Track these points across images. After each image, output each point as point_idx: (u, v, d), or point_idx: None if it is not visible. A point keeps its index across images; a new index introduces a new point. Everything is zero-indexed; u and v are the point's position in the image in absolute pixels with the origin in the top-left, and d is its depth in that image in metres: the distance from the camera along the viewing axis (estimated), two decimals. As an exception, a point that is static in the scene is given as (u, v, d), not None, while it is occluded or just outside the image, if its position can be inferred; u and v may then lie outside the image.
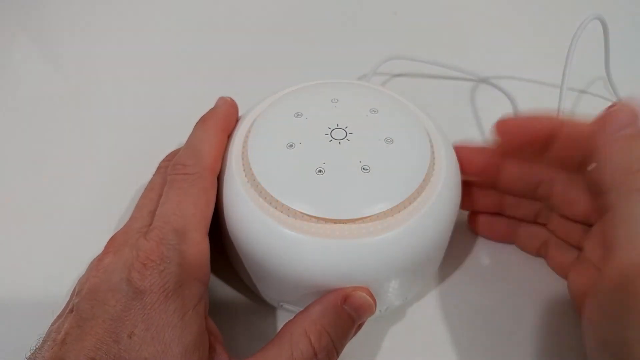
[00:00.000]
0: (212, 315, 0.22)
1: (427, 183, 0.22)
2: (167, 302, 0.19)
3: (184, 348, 0.19)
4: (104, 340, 0.18)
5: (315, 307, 0.21)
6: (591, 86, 0.38)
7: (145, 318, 0.19)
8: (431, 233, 0.22)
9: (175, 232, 0.21)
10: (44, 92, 0.38)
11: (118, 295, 0.19)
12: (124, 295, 0.19)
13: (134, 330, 0.18)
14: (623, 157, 0.21)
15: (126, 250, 0.21)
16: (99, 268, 0.20)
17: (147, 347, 0.18)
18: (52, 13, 0.45)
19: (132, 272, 0.20)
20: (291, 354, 0.20)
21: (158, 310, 0.19)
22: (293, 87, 0.26)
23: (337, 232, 0.20)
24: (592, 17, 0.29)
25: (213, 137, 0.24)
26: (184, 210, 0.21)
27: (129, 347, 0.18)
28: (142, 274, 0.19)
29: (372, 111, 0.24)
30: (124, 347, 0.18)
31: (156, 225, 0.21)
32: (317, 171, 0.21)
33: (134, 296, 0.19)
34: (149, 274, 0.19)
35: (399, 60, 0.38)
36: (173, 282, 0.20)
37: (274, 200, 0.21)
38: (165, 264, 0.20)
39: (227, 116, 0.25)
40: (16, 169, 0.33)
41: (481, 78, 0.39)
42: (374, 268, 0.21)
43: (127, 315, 0.19)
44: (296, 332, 0.20)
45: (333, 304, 0.21)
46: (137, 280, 0.19)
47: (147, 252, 0.20)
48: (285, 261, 0.21)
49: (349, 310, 0.21)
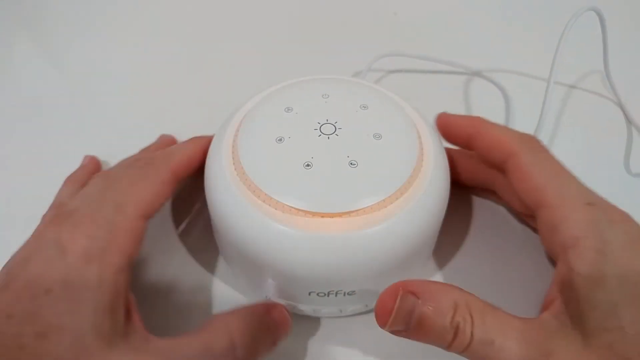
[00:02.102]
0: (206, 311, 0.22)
1: (415, 177, 0.22)
2: (88, 265, 0.20)
3: (97, 309, 0.19)
4: (22, 297, 0.19)
5: (243, 310, 0.22)
6: (587, 80, 0.38)
7: (65, 277, 0.19)
8: (419, 227, 0.22)
9: (114, 204, 0.22)
10: (44, 93, 0.38)
11: (44, 254, 0.20)
12: (49, 255, 0.20)
13: (52, 287, 0.19)
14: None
15: (64, 218, 0.21)
16: (34, 236, 0.22)
17: (61, 304, 0.19)
18: (52, 13, 0.45)
19: (62, 233, 0.20)
20: (211, 342, 0.20)
21: (78, 270, 0.20)
22: (285, 82, 0.27)
23: (324, 226, 0.20)
24: (586, 8, 0.29)
25: (192, 153, 0.25)
26: (133, 191, 0.23)
27: (45, 303, 0.19)
28: (71, 234, 0.20)
29: (362, 107, 0.24)
30: (40, 302, 0.19)
31: (99, 198, 0.22)
32: (305, 165, 0.21)
33: (58, 255, 0.20)
34: (77, 235, 0.20)
35: (393, 56, 0.38)
36: (97, 247, 0.20)
37: (263, 194, 0.21)
38: (94, 229, 0.21)
39: (203, 153, 0.26)
40: (16, 169, 0.33)
41: (475, 72, 0.39)
42: (361, 261, 0.21)
43: (48, 273, 0.19)
44: (220, 325, 0.21)
45: (259, 310, 0.22)
46: (64, 240, 0.20)
47: (81, 216, 0.21)
48: (273, 254, 0.21)
49: (270, 322, 0.22)
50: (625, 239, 0.20)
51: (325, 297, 0.22)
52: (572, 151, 0.34)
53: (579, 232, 0.20)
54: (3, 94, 0.38)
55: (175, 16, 0.45)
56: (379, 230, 0.21)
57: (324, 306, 0.23)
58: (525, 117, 0.35)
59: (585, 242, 0.20)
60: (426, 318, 0.18)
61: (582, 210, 0.20)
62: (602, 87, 0.38)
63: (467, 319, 0.18)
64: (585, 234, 0.20)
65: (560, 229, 0.21)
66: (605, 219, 0.20)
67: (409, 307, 0.19)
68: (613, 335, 0.18)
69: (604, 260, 0.19)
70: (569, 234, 0.20)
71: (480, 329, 0.18)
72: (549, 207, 0.21)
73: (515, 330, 0.18)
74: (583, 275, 0.19)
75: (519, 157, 0.23)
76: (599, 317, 0.18)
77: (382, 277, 0.22)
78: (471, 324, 0.18)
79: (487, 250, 0.28)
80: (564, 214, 0.21)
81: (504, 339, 0.18)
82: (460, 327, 0.18)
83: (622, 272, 0.19)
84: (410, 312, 0.19)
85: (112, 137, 0.34)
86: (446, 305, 0.19)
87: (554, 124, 0.35)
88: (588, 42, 0.33)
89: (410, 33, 0.43)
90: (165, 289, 0.27)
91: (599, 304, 0.18)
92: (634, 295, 0.18)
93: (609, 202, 0.21)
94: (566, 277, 0.20)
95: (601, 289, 0.18)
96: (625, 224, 0.20)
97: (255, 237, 0.21)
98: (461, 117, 0.26)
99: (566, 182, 0.22)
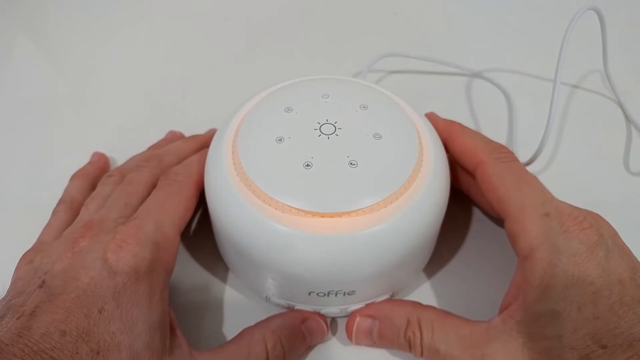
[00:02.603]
0: (206, 311, 0.22)
1: (415, 177, 0.22)
2: (137, 284, 0.20)
3: (149, 327, 0.20)
4: (74, 314, 0.19)
5: (276, 319, 0.23)
6: (587, 80, 0.38)
7: (116, 296, 0.20)
8: (419, 226, 0.22)
9: (154, 223, 0.22)
10: (44, 93, 0.38)
11: (91, 272, 0.20)
12: (97, 274, 0.20)
13: (104, 306, 0.19)
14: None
15: (103, 235, 0.22)
16: (74, 250, 0.21)
17: (115, 323, 0.19)
18: (53, 13, 0.45)
19: (108, 252, 0.21)
20: (248, 354, 0.22)
21: (128, 290, 0.20)
22: (285, 82, 0.27)
23: (324, 226, 0.20)
24: (586, 8, 0.29)
25: (203, 161, 0.26)
26: (167, 208, 0.23)
27: (99, 322, 0.19)
28: (117, 254, 0.21)
29: (362, 107, 0.24)
30: (93, 321, 0.19)
31: (138, 216, 0.23)
32: (304, 165, 0.21)
33: (107, 275, 0.20)
34: (124, 255, 0.21)
35: (393, 57, 0.38)
36: (144, 267, 0.21)
37: (263, 194, 0.21)
38: (140, 249, 0.21)
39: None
40: (16, 169, 0.33)
41: (475, 73, 0.39)
42: (361, 261, 0.21)
43: (98, 291, 0.20)
44: (255, 336, 0.22)
45: (292, 320, 0.23)
46: (111, 260, 0.20)
47: (124, 235, 0.21)
48: (274, 255, 0.21)
49: (304, 331, 0.23)
50: (580, 248, 0.20)
51: (326, 297, 0.22)
52: (571, 150, 0.34)
53: (533, 243, 0.21)
54: (3, 94, 0.38)
55: (175, 17, 0.45)
56: (380, 230, 0.21)
57: (324, 306, 0.23)
58: (526, 117, 0.36)
59: (538, 254, 0.20)
60: (384, 335, 0.23)
61: (537, 222, 0.21)
62: (602, 86, 0.38)
63: (416, 333, 0.22)
64: (538, 246, 0.20)
65: (518, 239, 0.21)
66: (559, 229, 0.21)
67: (367, 328, 0.23)
68: (551, 342, 0.19)
69: (553, 271, 0.20)
70: (525, 245, 0.21)
71: (428, 340, 0.21)
72: (510, 217, 0.22)
73: (458, 338, 0.21)
74: (532, 286, 0.20)
75: (485, 167, 0.24)
76: (540, 326, 0.19)
77: (383, 277, 0.22)
78: (420, 337, 0.22)
79: (485, 250, 0.28)
80: (522, 225, 0.21)
81: (447, 347, 0.21)
82: (411, 340, 0.22)
83: (570, 282, 0.19)
84: (369, 331, 0.23)
85: (111, 136, 0.35)
86: (398, 322, 0.22)
87: (554, 123, 0.35)
88: (588, 41, 0.33)
89: (411, 33, 0.43)
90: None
91: (542, 314, 0.19)
92: (580, 304, 0.19)
93: (568, 211, 0.21)
94: (519, 285, 0.21)
95: (547, 299, 0.19)
96: (581, 232, 0.20)
97: (256, 237, 0.21)
98: (441, 121, 0.27)
99: (528, 193, 0.22)
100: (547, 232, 0.21)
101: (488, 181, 0.23)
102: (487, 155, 0.24)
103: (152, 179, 0.26)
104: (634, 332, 0.18)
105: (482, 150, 0.24)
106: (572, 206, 0.22)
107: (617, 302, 0.19)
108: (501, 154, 0.24)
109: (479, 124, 0.36)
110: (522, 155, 0.29)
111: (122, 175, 0.27)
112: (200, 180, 0.25)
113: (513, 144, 0.34)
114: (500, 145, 0.25)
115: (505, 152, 0.24)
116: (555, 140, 0.34)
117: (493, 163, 0.24)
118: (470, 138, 0.26)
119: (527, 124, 0.35)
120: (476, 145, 0.25)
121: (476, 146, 0.25)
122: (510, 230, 0.22)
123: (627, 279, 0.19)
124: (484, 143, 0.25)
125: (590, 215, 0.22)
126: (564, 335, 0.19)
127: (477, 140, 0.25)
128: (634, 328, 0.18)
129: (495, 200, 0.23)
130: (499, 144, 0.25)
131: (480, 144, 0.25)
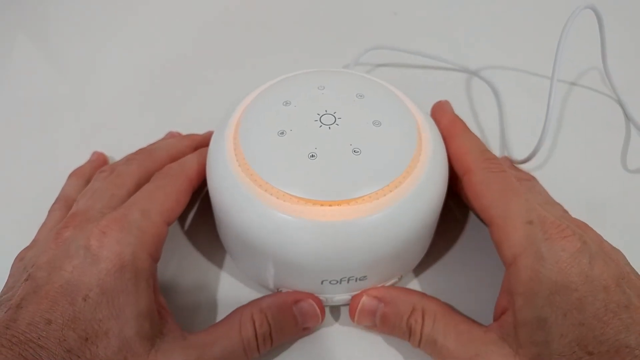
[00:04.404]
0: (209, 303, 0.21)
1: (416, 161, 0.22)
2: (122, 271, 0.20)
3: (137, 313, 0.20)
4: (59, 302, 0.19)
5: (267, 299, 0.23)
6: (585, 77, 0.38)
7: (101, 283, 0.20)
8: (421, 211, 0.22)
9: (140, 211, 0.22)
10: (44, 93, 0.38)
11: (75, 261, 0.20)
12: (81, 262, 0.20)
13: (88, 293, 0.19)
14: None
15: (87, 224, 0.22)
16: (58, 241, 0.21)
17: (102, 310, 0.19)
18: (53, 13, 0.45)
19: (91, 239, 0.21)
20: (239, 331, 0.22)
21: (113, 276, 0.20)
22: (278, 77, 0.27)
23: (330, 214, 0.21)
24: (583, 6, 0.29)
25: (204, 161, 0.25)
26: (155, 198, 0.23)
27: (84, 309, 0.19)
28: (100, 241, 0.21)
29: (359, 96, 0.24)
30: (78, 308, 0.19)
31: (125, 205, 0.23)
32: (309, 156, 0.21)
33: (91, 262, 0.20)
34: (107, 241, 0.21)
35: (383, 50, 0.38)
36: (129, 253, 0.21)
37: (269, 186, 0.21)
38: (124, 235, 0.21)
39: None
40: (16, 169, 0.33)
41: (472, 71, 0.38)
42: (371, 246, 0.21)
43: (82, 279, 0.20)
44: (245, 315, 0.23)
45: (283, 301, 0.23)
46: (94, 247, 0.20)
47: (108, 222, 0.21)
48: (280, 244, 0.21)
49: (295, 312, 0.23)
50: (562, 255, 0.20)
51: (338, 284, 0.23)
52: (570, 148, 0.33)
53: (516, 250, 0.21)
54: (3, 94, 0.38)
55: (172, 16, 0.45)
56: (387, 214, 0.21)
57: (336, 294, 0.24)
58: (524, 116, 0.35)
59: (521, 261, 0.21)
60: (386, 318, 0.23)
61: (521, 229, 0.21)
62: (601, 84, 0.37)
63: (418, 321, 0.22)
64: (522, 253, 0.21)
65: (502, 247, 0.22)
66: (542, 237, 0.21)
67: (372, 308, 0.23)
68: (539, 349, 0.19)
69: (537, 278, 0.20)
70: (509, 253, 0.21)
71: (428, 329, 0.22)
72: (494, 225, 0.22)
73: (457, 333, 0.22)
74: (518, 293, 0.20)
75: (472, 175, 0.24)
76: (528, 332, 0.20)
77: (383, 262, 0.23)
78: (421, 325, 0.22)
79: (484, 242, 0.28)
80: (506, 232, 0.22)
81: (444, 339, 0.22)
82: (413, 328, 0.22)
83: (555, 289, 0.20)
84: (373, 312, 0.23)
85: (111, 136, 0.34)
86: (403, 309, 0.23)
87: (553, 121, 0.35)
88: (585, 40, 0.33)
89: (403, 28, 0.43)
90: (169, 282, 0.27)
91: (529, 320, 0.20)
92: (565, 310, 0.19)
93: (551, 219, 0.21)
94: (509, 293, 0.21)
95: (533, 305, 0.20)
96: (564, 240, 0.20)
97: (261, 227, 0.21)
98: (449, 114, 0.27)
99: (512, 202, 0.22)
100: (530, 240, 0.21)
101: (474, 189, 0.23)
102: (477, 164, 0.24)
103: (141, 171, 0.26)
104: (620, 339, 0.18)
105: (473, 159, 0.24)
106: (557, 215, 0.22)
107: (601, 308, 0.19)
108: (491, 164, 0.24)
109: (476, 121, 0.35)
110: (519, 153, 0.28)
111: (113, 170, 0.26)
112: (195, 178, 0.25)
113: (510, 142, 0.34)
114: (494, 156, 0.25)
115: (496, 163, 0.24)
116: (552, 138, 0.34)
117: (481, 172, 0.24)
118: (466, 142, 0.25)
119: (525, 122, 0.35)
120: (469, 152, 0.25)
121: (469, 153, 0.25)
122: (494, 238, 0.22)
123: (613, 285, 0.19)
124: (478, 152, 0.25)
125: (575, 223, 0.22)
126: (551, 342, 0.19)
127: (472, 147, 0.25)
128: (619, 335, 0.18)
129: (479, 207, 0.23)
130: (492, 154, 0.25)
131: (474, 151, 0.25)
